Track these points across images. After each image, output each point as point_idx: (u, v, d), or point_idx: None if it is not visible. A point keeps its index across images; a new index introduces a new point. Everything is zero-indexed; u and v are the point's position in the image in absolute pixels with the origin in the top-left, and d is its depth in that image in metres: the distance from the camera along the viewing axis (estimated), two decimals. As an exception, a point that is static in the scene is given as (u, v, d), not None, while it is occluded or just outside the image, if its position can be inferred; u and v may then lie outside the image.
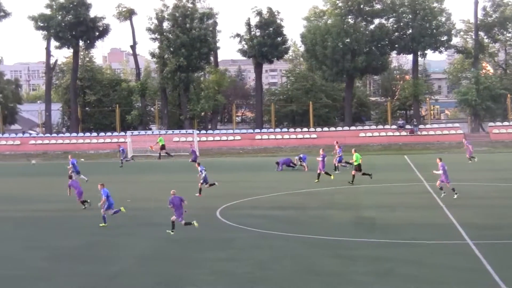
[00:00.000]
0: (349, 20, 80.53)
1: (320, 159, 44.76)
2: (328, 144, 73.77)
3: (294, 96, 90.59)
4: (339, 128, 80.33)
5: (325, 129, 79.93)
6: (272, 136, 77.50)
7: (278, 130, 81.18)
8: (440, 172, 35.92)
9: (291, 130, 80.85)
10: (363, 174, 43.13)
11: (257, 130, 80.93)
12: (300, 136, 76.82)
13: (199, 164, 40.05)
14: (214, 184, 39.25)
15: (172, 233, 28.10)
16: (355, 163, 43.05)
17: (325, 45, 77.41)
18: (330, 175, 44.65)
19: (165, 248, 26.06)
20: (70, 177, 36.68)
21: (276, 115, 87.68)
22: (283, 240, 26.72)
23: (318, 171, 44.66)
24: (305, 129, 79.81)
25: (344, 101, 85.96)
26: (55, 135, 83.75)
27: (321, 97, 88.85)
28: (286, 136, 77.32)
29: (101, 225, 30.48)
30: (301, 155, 53.65)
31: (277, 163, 53.24)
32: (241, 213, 33.24)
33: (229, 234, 28.23)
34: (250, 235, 27.98)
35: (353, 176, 42.67)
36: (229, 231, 28.94)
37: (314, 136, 76.41)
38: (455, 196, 35.50)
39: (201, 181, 38.83)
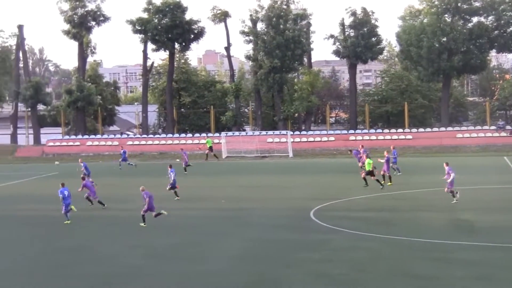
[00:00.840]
0: (446, 18, 78.91)
1: (383, 160, 43.73)
2: (424, 145, 72.95)
3: (389, 96, 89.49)
4: (435, 129, 78.75)
5: (421, 130, 78.60)
6: (367, 137, 76.48)
7: (372, 131, 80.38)
8: (452, 176, 34.93)
9: (386, 131, 79.83)
10: (377, 180, 41.99)
11: (351, 131, 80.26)
12: (395, 137, 75.53)
13: (170, 167, 39.56)
14: (176, 196, 38.90)
15: (144, 225, 30.61)
16: (367, 168, 42.28)
17: (420, 45, 76.16)
18: (381, 183, 42.26)
19: (259, 248, 26.17)
20: (83, 178, 38.07)
21: (371, 115, 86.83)
22: (378, 242, 26.45)
23: (382, 173, 42.89)
24: (400, 130, 78.62)
25: (440, 102, 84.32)
26: (151, 136, 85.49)
27: (416, 97, 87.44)
28: (381, 137, 76.25)
29: (66, 222, 32.34)
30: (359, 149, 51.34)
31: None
32: (335, 215, 33.06)
33: (323, 235, 28.15)
34: (345, 236, 27.82)
35: (364, 179, 42.01)
36: (324, 232, 28.85)
37: (410, 137, 75.21)
38: (454, 201, 34.76)
39: (170, 186, 38.71)
